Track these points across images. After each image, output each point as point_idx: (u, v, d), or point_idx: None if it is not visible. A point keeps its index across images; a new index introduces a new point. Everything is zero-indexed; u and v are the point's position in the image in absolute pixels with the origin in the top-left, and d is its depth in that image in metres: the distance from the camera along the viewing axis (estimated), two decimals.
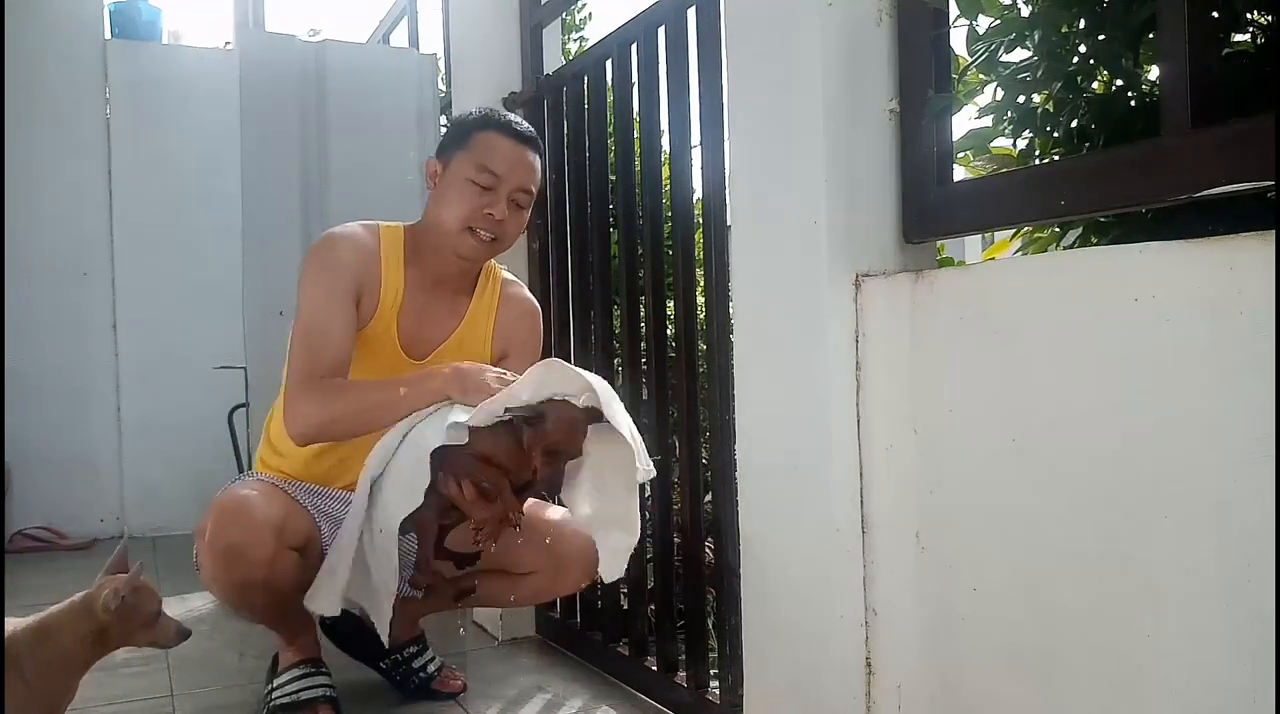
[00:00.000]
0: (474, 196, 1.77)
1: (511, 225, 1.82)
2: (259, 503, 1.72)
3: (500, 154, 1.79)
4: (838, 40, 1.37)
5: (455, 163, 1.80)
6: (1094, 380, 1.07)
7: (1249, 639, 0.93)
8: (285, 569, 1.71)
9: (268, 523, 1.69)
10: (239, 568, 1.67)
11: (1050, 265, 1.19)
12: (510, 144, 1.80)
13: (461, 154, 1.80)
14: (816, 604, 1.42)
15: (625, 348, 2.12)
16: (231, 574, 1.68)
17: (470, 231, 1.78)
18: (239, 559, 1.67)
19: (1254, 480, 0.92)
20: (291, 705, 1.84)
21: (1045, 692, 1.14)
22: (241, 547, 1.66)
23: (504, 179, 1.78)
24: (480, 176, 1.77)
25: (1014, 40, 1.32)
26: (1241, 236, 0.93)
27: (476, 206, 1.77)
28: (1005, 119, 1.40)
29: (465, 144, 1.80)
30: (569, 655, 2.31)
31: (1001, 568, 1.19)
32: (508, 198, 1.78)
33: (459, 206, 1.78)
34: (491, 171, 1.77)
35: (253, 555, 1.67)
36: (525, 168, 1.81)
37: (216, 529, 1.68)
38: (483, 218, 1.77)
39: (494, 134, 1.80)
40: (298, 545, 1.75)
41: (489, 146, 1.79)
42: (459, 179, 1.78)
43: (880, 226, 1.40)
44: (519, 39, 2.51)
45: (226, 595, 1.74)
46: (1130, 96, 1.31)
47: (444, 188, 1.81)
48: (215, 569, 1.69)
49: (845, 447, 1.38)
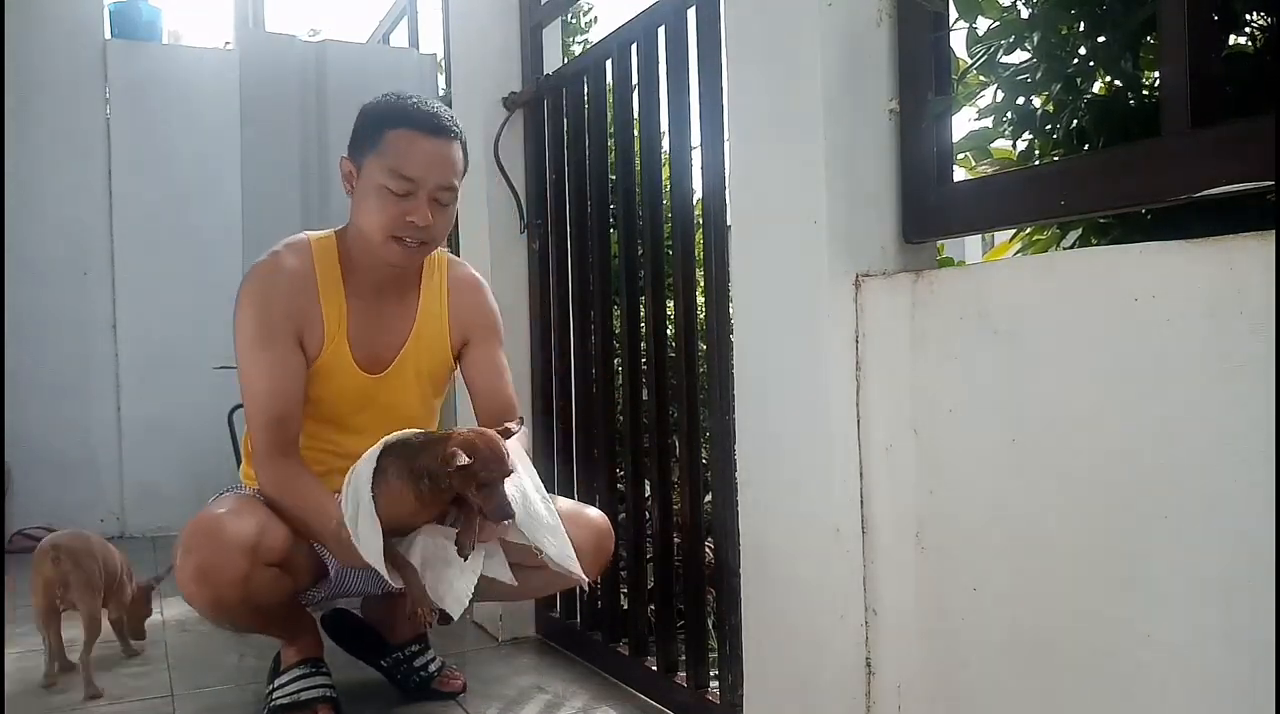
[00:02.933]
0: (392, 204, 1.69)
1: (439, 225, 1.74)
2: (231, 522, 1.65)
3: (415, 156, 1.69)
4: (838, 40, 1.37)
5: (368, 166, 1.72)
6: (1094, 380, 1.07)
7: (1249, 639, 0.93)
8: (261, 586, 1.66)
9: (240, 543, 1.62)
10: (209, 588, 1.62)
11: (1050, 265, 1.19)
12: (424, 141, 1.70)
13: (373, 157, 1.71)
14: (816, 604, 1.42)
15: (625, 348, 2.12)
16: (204, 594, 1.63)
17: (395, 240, 1.72)
18: (209, 580, 1.61)
19: (1254, 480, 0.92)
20: (292, 706, 1.84)
21: (1045, 691, 1.14)
22: (211, 568, 1.61)
23: (421, 182, 1.69)
24: (396, 183, 1.68)
25: (1013, 42, 1.33)
26: (1241, 236, 0.93)
27: (396, 215, 1.69)
28: (1005, 120, 1.40)
29: (376, 145, 1.71)
30: (569, 655, 2.31)
31: (1001, 568, 1.19)
32: (429, 198, 1.71)
33: (378, 216, 1.70)
34: (407, 177, 1.68)
35: (223, 576, 1.61)
36: (443, 164, 1.72)
37: (186, 550, 1.63)
38: (405, 226, 1.70)
39: (405, 132, 1.70)
40: (275, 560, 1.68)
41: (401, 148, 1.69)
42: (374, 185, 1.70)
43: (880, 226, 1.40)
44: (519, 39, 2.51)
45: (204, 614, 1.70)
46: (1130, 98, 1.32)
47: (361, 194, 1.73)
48: (188, 589, 1.64)
49: (845, 447, 1.38)
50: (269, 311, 1.74)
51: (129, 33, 4.16)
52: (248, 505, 1.73)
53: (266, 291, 1.76)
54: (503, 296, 2.11)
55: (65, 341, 3.91)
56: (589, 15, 4.25)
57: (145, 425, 3.99)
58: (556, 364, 2.37)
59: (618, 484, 2.18)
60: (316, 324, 1.77)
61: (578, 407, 2.29)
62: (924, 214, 1.37)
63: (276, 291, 1.75)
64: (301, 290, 1.77)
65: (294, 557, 1.74)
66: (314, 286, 1.78)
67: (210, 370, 3.69)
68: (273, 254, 1.80)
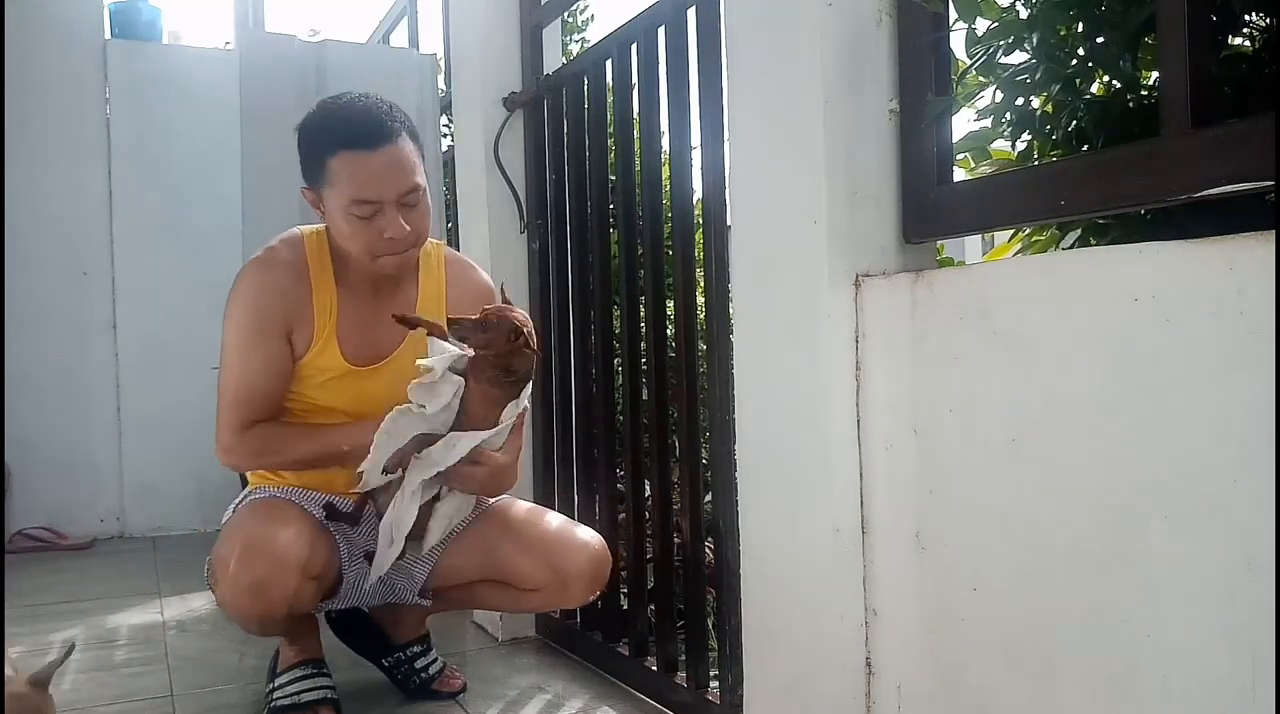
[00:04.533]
0: (364, 228, 1.67)
1: (416, 225, 1.72)
2: (283, 536, 1.66)
3: (365, 178, 1.64)
4: (838, 41, 1.37)
5: (327, 199, 1.69)
6: (1094, 380, 1.07)
7: (1249, 638, 0.93)
8: (305, 599, 1.71)
9: (295, 560, 1.64)
10: (261, 604, 1.64)
11: (1050, 265, 1.19)
12: (368, 159, 1.64)
13: (328, 189, 1.68)
14: (816, 604, 1.42)
15: (625, 348, 2.12)
16: (255, 609, 1.66)
17: (379, 257, 1.72)
18: (262, 596, 1.63)
19: (1254, 480, 0.92)
20: (292, 707, 1.84)
21: (1045, 691, 1.14)
22: (266, 584, 1.62)
23: (383, 198, 1.66)
24: (360, 209, 1.65)
25: (1013, 43, 1.32)
26: (1241, 236, 0.93)
27: (373, 236, 1.68)
28: (1004, 121, 1.40)
29: (325, 178, 1.67)
30: (569, 655, 2.31)
31: (1001, 568, 1.19)
32: (398, 206, 1.68)
33: (355, 241, 1.70)
34: (366, 200, 1.65)
35: (275, 593, 1.63)
36: (397, 173, 1.66)
37: (241, 565, 1.63)
38: (384, 243, 1.69)
39: (346, 156, 1.64)
40: (318, 574, 1.72)
41: (348, 175, 1.64)
42: (340, 213, 1.68)
43: (880, 226, 1.40)
44: (519, 39, 2.51)
45: (244, 625, 1.73)
46: (1129, 98, 1.32)
47: (331, 220, 1.72)
48: (238, 603, 1.65)
49: (845, 447, 1.38)
50: (261, 305, 1.75)
51: (129, 33, 4.16)
52: (292, 516, 1.73)
53: (260, 285, 1.77)
54: None
55: (65, 341, 3.90)
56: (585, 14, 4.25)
57: (145, 425, 3.99)
58: (556, 364, 2.37)
59: (618, 484, 2.18)
60: (307, 318, 1.78)
61: (578, 407, 2.29)
62: (924, 214, 1.37)
63: (269, 285, 1.76)
64: (295, 284, 1.78)
65: (329, 570, 1.78)
66: (306, 281, 1.79)
67: (210, 370, 3.64)
68: (268, 248, 1.81)
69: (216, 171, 4.04)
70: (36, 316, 3.83)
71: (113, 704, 2.04)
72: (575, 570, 1.82)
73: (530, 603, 1.93)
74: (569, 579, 1.83)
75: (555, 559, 1.82)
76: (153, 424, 3.99)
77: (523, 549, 1.84)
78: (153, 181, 4.02)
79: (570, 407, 2.31)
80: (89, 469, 3.94)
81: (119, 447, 3.99)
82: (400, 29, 5.07)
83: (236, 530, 1.71)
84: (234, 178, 3.92)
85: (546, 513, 1.95)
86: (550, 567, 1.82)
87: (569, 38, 4.13)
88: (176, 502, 3.95)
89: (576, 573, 1.82)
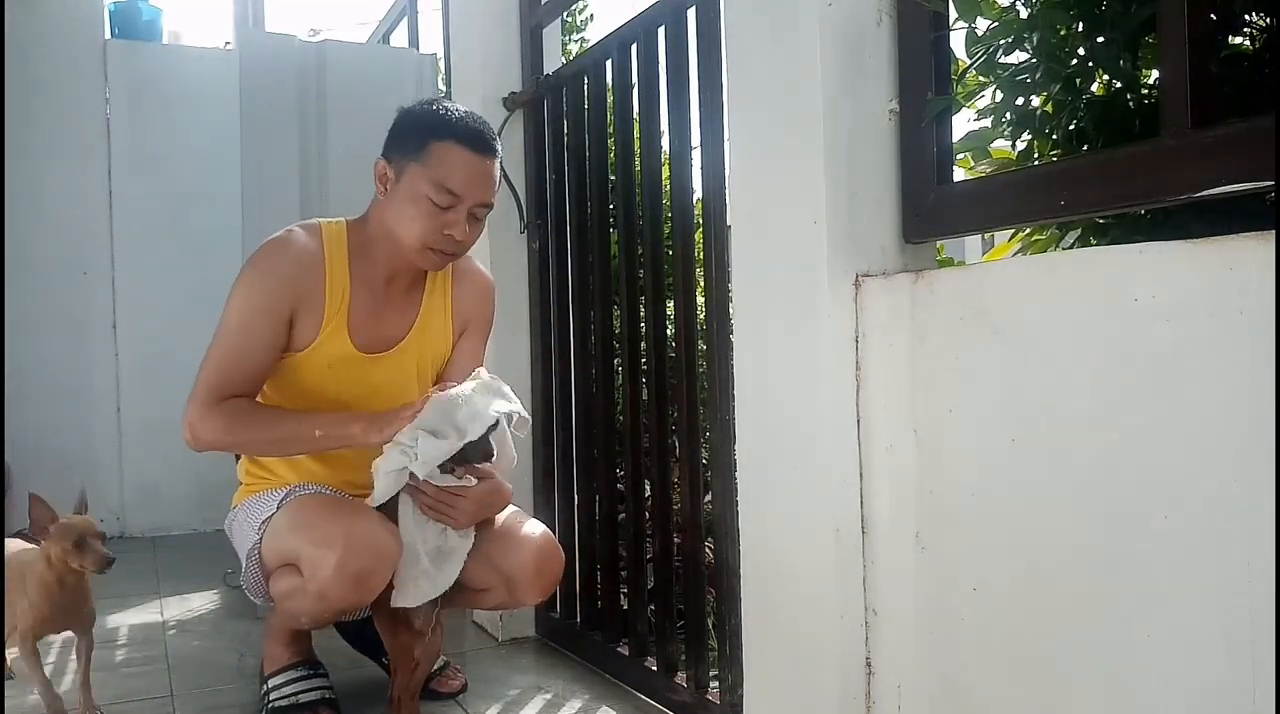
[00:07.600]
0: (433, 216, 1.70)
1: (472, 238, 1.76)
2: (385, 532, 1.67)
3: (461, 172, 1.69)
4: (838, 40, 1.37)
5: (410, 175, 1.71)
6: (1094, 380, 1.07)
7: (1249, 639, 0.93)
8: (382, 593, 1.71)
9: (393, 553, 1.66)
10: (360, 593, 1.64)
11: (1050, 265, 1.19)
12: (471, 157, 1.70)
13: (417, 166, 1.70)
14: (816, 604, 1.42)
15: (625, 348, 2.12)
16: (351, 597, 1.65)
17: (429, 249, 1.73)
18: (363, 585, 1.63)
19: (1254, 480, 0.92)
20: (291, 708, 1.84)
21: (1045, 691, 1.14)
22: (369, 574, 1.63)
23: (464, 197, 1.70)
24: (439, 196, 1.69)
25: (1013, 42, 1.32)
26: (1241, 236, 0.93)
27: (435, 227, 1.70)
28: (1004, 121, 1.40)
29: (421, 155, 1.70)
30: (569, 655, 2.31)
31: (1001, 568, 1.19)
32: (468, 213, 1.72)
33: (417, 225, 1.71)
34: (451, 192, 1.69)
35: (375, 583, 1.64)
36: (486, 182, 1.73)
37: (349, 554, 1.61)
38: (443, 238, 1.71)
39: (453, 146, 1.69)
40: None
41: (448, 162, 1.69)
42: (415, 194, 1.70)
43: (880, 226, 1.40)
44: (519, 39, 2.51)
45: (322, 611, 1.71)
46: (1129, 98, 1.32)
47: (399, 199, 1.73)
48: (339, 591, 1.63)
49: (845, 447, 1.38)
50: (273, 281, 1.74)
51: (129, 33, 4.16)
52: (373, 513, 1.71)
53: (275, 262, 1.75)
54: (503, 296, 2.11)
55: (65, 341, 3.90)
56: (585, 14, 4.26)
57: (145, 425, 3.99)
58: (556, 364, 2.37)
59: (618, 484, 2.18)
60: (317, 302, 1.76)
61: (578, 406, 2.29)
62: (924, 214, 1.37)
63: (284, 264, 1.75)
64: (310, 266, 1.77)
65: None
66: (321, 265, 1.78)
67: None
68: (287, 231, 1.81)
69: (216, 171, 4.04)
70: (36, 316, 3.83)
71: (112, 704, 2.04)
72: (518, 569, 1.79)
73: (487, 602, 1.90)
74: (514, 579, 1.79)
75: (496, 559, 1.79)
76: (153, 425, 3.98)
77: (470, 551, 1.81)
78: (153, 181, 4.02)
79: (570, 406, 2.31)
80: (89, 469, 3.93)
81: (119, 447, 3.99)
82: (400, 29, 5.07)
83: (321, 522, 1.68)
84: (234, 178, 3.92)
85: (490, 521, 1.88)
86: (493, 567, 1.79)
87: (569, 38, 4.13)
88: (176, 502, 3.94)
89: (520, 573, 1.79)
